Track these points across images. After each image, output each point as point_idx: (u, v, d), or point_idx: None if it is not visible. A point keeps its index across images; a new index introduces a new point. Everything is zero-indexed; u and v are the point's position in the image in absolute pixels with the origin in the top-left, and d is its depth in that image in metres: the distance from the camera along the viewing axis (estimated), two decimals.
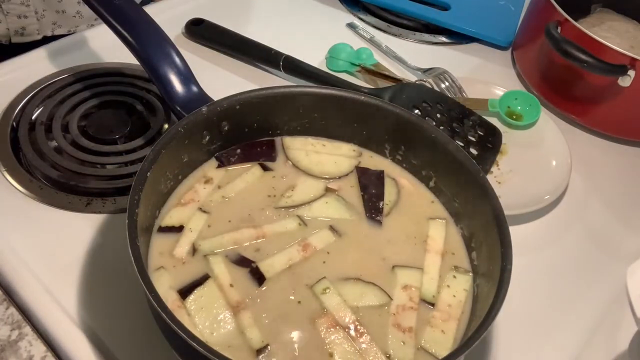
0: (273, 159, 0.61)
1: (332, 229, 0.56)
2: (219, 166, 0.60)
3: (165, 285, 0.50)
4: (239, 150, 0.61)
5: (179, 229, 0.54)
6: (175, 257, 0.52)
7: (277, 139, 0.63)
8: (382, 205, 0.58)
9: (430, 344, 0.49)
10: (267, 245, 0.54)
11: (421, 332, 0.50)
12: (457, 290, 0.53)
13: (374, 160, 0.63)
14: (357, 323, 0.49)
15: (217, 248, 0.53)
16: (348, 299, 0.51)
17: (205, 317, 0.48)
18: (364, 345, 0.48)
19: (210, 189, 0.58)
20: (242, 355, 0.47)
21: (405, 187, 0.61)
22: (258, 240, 0.54)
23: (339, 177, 0.61)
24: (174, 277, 0.51)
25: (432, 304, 0.52)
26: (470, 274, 0.54)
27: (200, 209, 0.56)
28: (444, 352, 0.49)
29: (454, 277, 0.54)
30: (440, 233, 0.57)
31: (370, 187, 0.60)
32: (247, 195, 0.58)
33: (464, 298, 0.53)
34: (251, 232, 0.55)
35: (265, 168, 0.60)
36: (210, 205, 0.56)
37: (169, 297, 0.49)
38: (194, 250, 0.53)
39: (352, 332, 0.49)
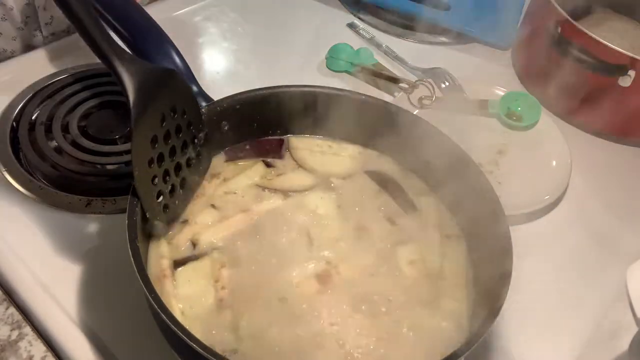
0: (281, 157, 0.62)
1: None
2: (227, 160, 0.60)
3: (159, 254, 0.51)
4: (247, 147, 0.61)
5: (182, 223, 0.55)
6: (173, 244, 0.53)
7: (284, 138, 0.63)
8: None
9: (449, 313, 0.51)
10: (264, 231, 0.55)
11: (438, 303, 0.52)
12: (455, 256, 0.55)
13: (378, 161, 0.63)
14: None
15: (213, 237, 0.54)
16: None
17: (189, 290, 0.49)
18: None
19: (215, 184, 0.58)
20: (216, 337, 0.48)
21: (410, 189, 0.61)
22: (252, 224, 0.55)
23: (343, 178, 0.61)
24: (172, 249, 0.52)
25: (438, 275, 0.53)
26: (463, 239, 0.56)
27: (212, 205, 0.56)
28: (465, 321, 0.50)
29: (449, 245, 0.56)
30: (432, 206, 0.59)
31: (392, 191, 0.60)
32: (249, 191, 0.58)
33: (463, 262, 0.55)
34: (242, 216, 0.56)
35: (268, 165, 0.61)
36: (214, 199, 0.57)
37: (160, 265, 0.50)
38: (193, 245, 0.53)
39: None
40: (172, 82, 0.52)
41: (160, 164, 0.51)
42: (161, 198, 0.52)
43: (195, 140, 0.56)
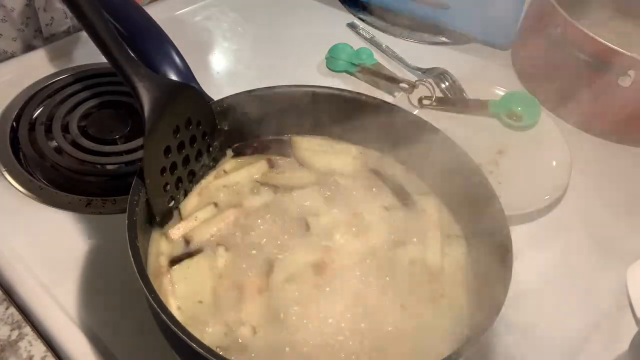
0: (288, 156, 0.62)
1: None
2: (232, 157, 0.61)
3: (158, 251, 0.52)
4: (254, 144, 0.62)
5: (177, 215, 0.55)
6: (169, 237, 0.53)
7: (287, 138, 0.63)
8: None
9: (449, 313, 0.51)
10: (252, 227, 0.55)
11: (436, 303, 0.52)
12: (456, 256, 0.55)
13: (379, 161, 0.63)
14: None
15: (208, 232, 0.54)
16: None
17: (185, 287, 0.50)
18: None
19: (214, 175, 0.59)
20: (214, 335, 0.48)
21: (411, 189, 0.61)
22: (242, 220, 0.55)
23: (345, 177, 0.61)
24: (172, 246, 0.53)
25: (439, 275, 0.54)
26: (463, 239, 0.56)
27: (208, 198, 0.57)
28: (465, 320, 0.50)
29: (449, 244, 0.56)
30: (432, 206, 0.59)
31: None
32: (247, 186, 0.58)
33: (464, 261, 0.55)
34: (238, 210, 0.56)
35: (271, 163, 0.61)
36: (211, 191, 0.57)
37: (158, 262, 0.50)
38: (188, 240, 0.53)
39: None
40: (188, 96, 0.53)
41: (172, 172, 0.53)
42: (172, 203, 0.54)
43: (210, 149, 0.58)
